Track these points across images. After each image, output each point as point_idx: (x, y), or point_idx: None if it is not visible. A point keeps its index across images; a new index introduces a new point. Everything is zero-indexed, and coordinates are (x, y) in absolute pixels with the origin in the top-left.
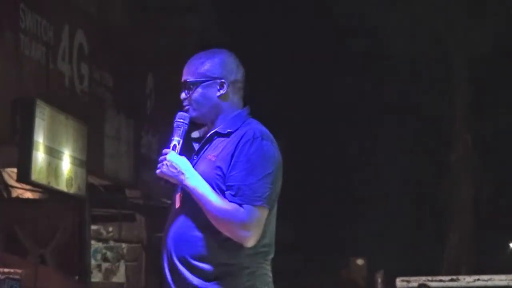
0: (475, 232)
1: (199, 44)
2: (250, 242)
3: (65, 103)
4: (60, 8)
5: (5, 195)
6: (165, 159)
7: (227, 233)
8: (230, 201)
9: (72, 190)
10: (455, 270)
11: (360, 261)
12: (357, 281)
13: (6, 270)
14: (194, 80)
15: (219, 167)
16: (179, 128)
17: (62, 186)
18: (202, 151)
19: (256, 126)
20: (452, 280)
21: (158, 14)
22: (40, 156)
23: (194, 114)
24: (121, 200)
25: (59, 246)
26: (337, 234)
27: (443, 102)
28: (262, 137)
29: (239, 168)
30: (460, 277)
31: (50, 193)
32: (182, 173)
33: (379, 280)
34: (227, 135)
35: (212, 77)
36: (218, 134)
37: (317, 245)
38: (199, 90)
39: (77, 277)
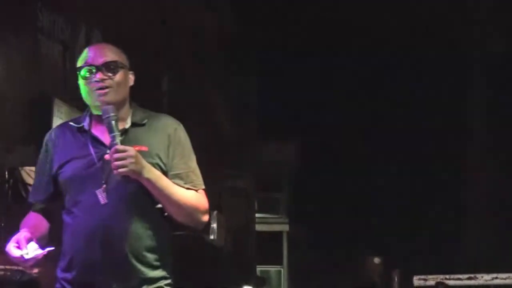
0: (492, 230)
1: (217, 43)
2: (203, 225)
3: (82, 102)
4: (77, 8)
5: (23, 193)
6: (129, 156)
7: (187, 220)
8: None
9: None
10: (473, 268)
11: (376, 260)
12: (373, 280)
13: (22, 268)
14: (120, 61)
15: (157, 158)
16: (115, 122)
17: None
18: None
19: (166, 115)
20: (470, 278)
21: (174, 13)
22: None
23: (116, 97)
24: None
25: None
26: (353, 232)
27: (460, 100)
28: (179, 124)
29: (179, 156)
30: (478, 275)
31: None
32: (143, 167)
33: (396, 279)
34: (143, 125)
35: (128, 66)
36: (134, 125)
37: (333, 243)
38: (122, 73)
39: None
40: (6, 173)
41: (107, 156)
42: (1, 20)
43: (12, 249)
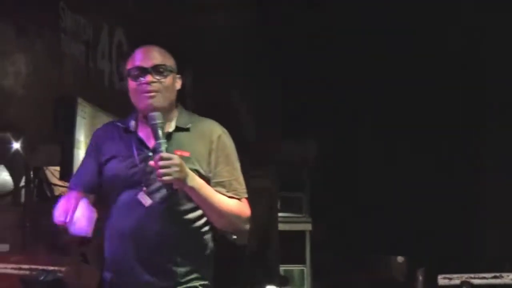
0: None
1: (240, 43)
2: (246, 234)
3: (105, 101)
4: (99, 7)
5: (48, 193)
6: (173, 164)
7: (228, 227)
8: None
9: None
10: (498, 267)
11: (400, 259)
12: (397, 279)
13: (50, 268)
14: (169, 65)
15: (198, 165)
16: (161, 129)
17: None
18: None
19: (212, 120)
20: (495, 277)
21: (198, 12)
22: (81, 154)
23: (163, 101)
24: None
25: (100, 244)
26: (377, 231)
27: (476, 98)
28: (224, 130)
29: (223, 164)
30: (504, 274)
31: None
32: (187, 175)
33: (420, 278)
34: (187, 130)
35: (176, 71)
36: (178, 129)
37: (357, 242)
38: (170, 77)
39: None
40: (31, 173)
41: (152, 163)
42: (24, 21)
43: (60, 209)
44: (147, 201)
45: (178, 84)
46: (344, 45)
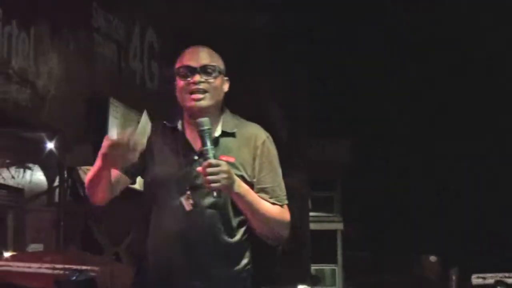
0: None
1: (268, 43)
2: (284, 240)
3: (137, 101)
4: (131, 7)
5: (81, 193)
6: (222, 171)
7: (269, 233)
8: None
9: None
10: None
11: (432, 258)
12: (430, 279)
13: (83, 267)
14: (218, 66)
15: (243, 170)
16: (209, 135)
17: (136, 184)
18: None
19: (255, 124)
20: None
21: (227, 12)
22: None
23: (210, 102)
24: None
25: (133, 243)
26: (408, 230)
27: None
28: (268, 135)
29: (266, 170)
30: None
31: (124, 191)
32: (234, 181)
33: (454, 277)
34: (233, 134)
35: (224, 72)
36: (224, 134)
37: (387, 241)
38: (219, 79)
39: None
40: (65, 173)
41: (199, 169)
42: (58, 21)
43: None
44: (189, 205)
45: (226, 87)
46: (379, 42)
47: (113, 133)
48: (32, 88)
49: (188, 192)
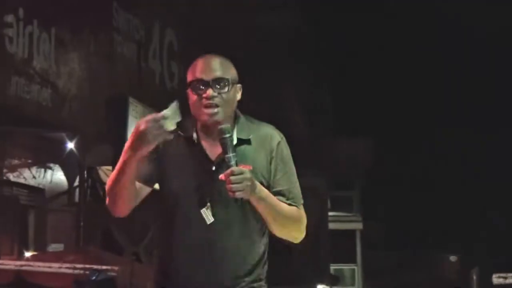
0: None
1: (289, 43)
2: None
3: (156, 101)
4: (151, 7)
5: (101, 193)
6: (245, 179)
7: (287, 236)
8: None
9: None
10: None
11: (453, 258)
12: (450, 278)
13: (103, 267)
14: (231, 78)
15: (260, 175)
16: (231, 143)
17: (156, 184)
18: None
19: (269, 125)
20: None
21: (247, 12)
22: None
23: (224, 115)
24: None
25: (152, 243)
26: (428, 230)
27: None
28: (282, 136)
29: (282, 172)
30: None
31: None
32: (256, 187)
33: (475, 277)
34: (249, 141)
35: (237, 81)
36: (240, 141)
37: (407, 241)
38: (232, 90)
39: None
40: (85, 172)
41: (222, 177)
42: (79, 21)
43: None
44: (209, 217)
45: (239, 95)
46: (400, 39)
47: None
48: (52, 88)
49: (209, 204)
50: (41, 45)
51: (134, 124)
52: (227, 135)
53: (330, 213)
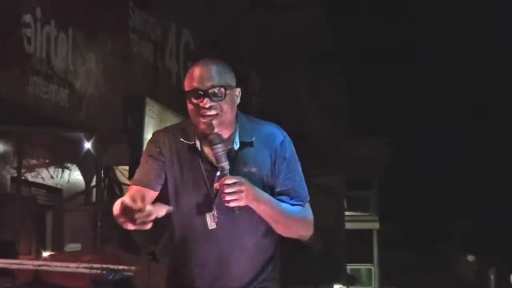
0: None
1: (305, 41)
2: (308, 238)
3: (172, 101)
4: (167, 7)
5: (118, 192)
6: (240, 190)
7: (293, 235)
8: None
9: None
10: None
11: (470, 258)
12: (468, 278)
13: (120, 267)
14: (228, 85)
15: (264, 176)
16: (223, 154)
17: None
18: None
19: (271, 124)
20: None
21: (264, 11)
22: None
23: (223, 123)
24: None
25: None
26: (445, 230)
27: None
28: (285, 135)
29: (285, 171)
30: None
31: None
32: (254, 194)
33: (492, 277)
34: (252, 144)
35: (235, 85)
36: (242, 145)
37: (424, 241)
38: (229, 97)
39: None
40: (102, 172)
41: (216, 186)
42: (96, 21)
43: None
44: (212, 224)
45: (238, 98)
46: (420, 40)
47: (149, 133)
48: (70, 88)
49: (215, 209)
50: (59, 45)
51: (151, 123)
52: (218, 145)
53: (347, 213)
